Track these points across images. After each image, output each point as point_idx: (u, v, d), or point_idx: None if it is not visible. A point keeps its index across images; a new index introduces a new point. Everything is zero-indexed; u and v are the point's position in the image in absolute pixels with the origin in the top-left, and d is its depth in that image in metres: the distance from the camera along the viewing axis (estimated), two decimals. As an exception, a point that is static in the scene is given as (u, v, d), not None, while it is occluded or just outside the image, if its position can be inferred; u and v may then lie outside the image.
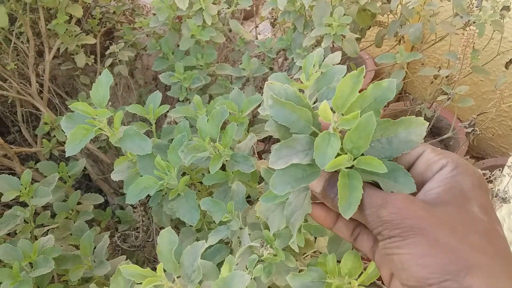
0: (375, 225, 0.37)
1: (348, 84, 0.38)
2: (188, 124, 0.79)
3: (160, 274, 0.57)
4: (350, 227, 0.45)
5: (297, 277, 0.60)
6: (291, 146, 0.40)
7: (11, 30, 1.40)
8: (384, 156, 0.40)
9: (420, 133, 0.39)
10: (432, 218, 0.34)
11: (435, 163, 0.38)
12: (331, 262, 0.60)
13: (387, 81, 0.39)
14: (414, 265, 0.33)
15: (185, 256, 0.60)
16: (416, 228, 0.34)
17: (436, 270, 0.32)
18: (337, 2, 1.21)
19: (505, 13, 1.14)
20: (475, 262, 0.32)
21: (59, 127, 1.34)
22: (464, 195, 0.36)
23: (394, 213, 0.35)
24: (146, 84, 1.79)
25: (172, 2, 1.24)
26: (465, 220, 0.35)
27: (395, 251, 0.35)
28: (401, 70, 1.18)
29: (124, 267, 0.57)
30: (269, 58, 1.33)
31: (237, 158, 0.71)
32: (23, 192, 0.93)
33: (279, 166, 0.40)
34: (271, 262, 0.65)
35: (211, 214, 0.69)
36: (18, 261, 0.78)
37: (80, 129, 0.71)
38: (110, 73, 0.76)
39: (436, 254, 0.32)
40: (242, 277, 0.56)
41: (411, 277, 0.33)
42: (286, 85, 0.43)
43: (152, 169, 0.73)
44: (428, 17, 1.23)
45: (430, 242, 0.33)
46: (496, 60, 1.42)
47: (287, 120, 0.41)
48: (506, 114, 1.62)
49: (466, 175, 0.37)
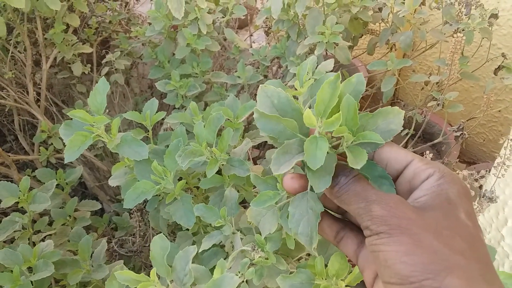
0: (365, 218, 0.38)
1: (327, 91, 0.40)
2: (185, 130, 0.81)
3: (154, 279, 0.58)
4: (334, 229, 0.46)
5: (287, 278, 0.62)
6: (287, 152, 0.42)
7: (8, 40, 1.42)
8: (369, 148, 0.42)
9: (398, 122, 0.41)
10: (419, 220, 0.36)
11: (422, 172, 0.39)
12: (319, 264, 0.62)
13: (355, 75, 0.42)
14: (397, 262, 0.34)
15: (177, 261, 0.62)
16: (404, 227, 0.35)
17: (418, 268, 0.33)
18: (330, 11, 1.24)
19: (493, 21, 1.17)
20: (456, 264, 0.33)
21: (56, 135, 1.36)
22: (450, 202, 0.37)
23: (385, 210, 0.36)
24: (142, 92, 1.81)
25: (168, 12, 1.26)
26: (451, 225, 0.36)
27: (381, 247, 0.36)
28: (392, 76, 1.20)
29: (119, 272, 0.59)
30: (264, 66, 1.35)
31: (233, 163, 0.72)
32: (22, 198, 0.94)
33: (283, 171, 0.41)
34: (262, 265, 0.67)
35: (205, 220, 0.71)
36: (18, 265, 0.80)
37: (78, 135, 0.73)
38: (107, 81, 0.78)
39: (420, 253, 0.34)
40: (231, 279, 0.58)
41: (394, 274, 0.34)
42: (279, 89, 0.45)
43: (149, 174, 0.75)
44: (418, 25, 1.26)
45: (415, 242, 0.34)
46: (486, 67, 1.45)
47: (273, 131, 0.43)
48: (497, 119, 1.65)
49: (452, 184, 0.38)
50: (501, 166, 0.79)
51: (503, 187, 0.89)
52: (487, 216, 0.92)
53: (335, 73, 0.71)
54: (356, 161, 0.39)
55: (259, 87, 0.45)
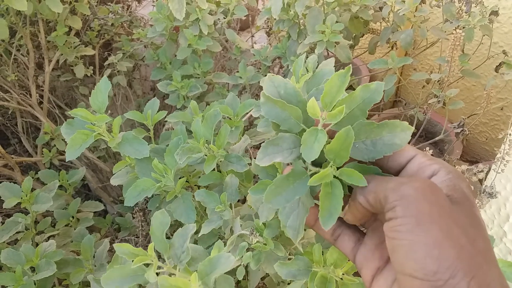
0: (391, 199, 0.34)
1: (335, 83, 0.40)
2: (185, 129, 0.81)
3: (151, 254, 0.59)
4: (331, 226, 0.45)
5: (285, 265, 0.63)
6: (277, 144, 0.42)
7: (11, 43, 1.43)
8: (367, 157, 0.41)
9: (404, 137, 0.39)
10: (450, 211, 0.34)
11: (427, 167, 0.38)
12: (317, 252, 0.62)
13: (375, 83, 0.40)
14: (426, 256, 0.31)
15: (176, 238, 0.63)
16: (435, 216, 0.32)
17: (446, 264, 0.31)
18: (330, 10, 1.24)
19: (493, 18, 1.17)
20: (479, 267, 0.32)
21: (59, 137, 1.36)
22: (468, 198, 0.36)
23: (418, 190, 0.33)
24: (144, 94, 1.82)
25: (169, 13, 1.27)
26: (473, 223, 0.35)
27: (407, 236, 0.33)
28: (393, 75, 1.20)
29: (118, 245, 0.59)
30: (265, 66, 1.36)
31: (230, 159, 0.73)
32: (24, 199, 0.94)
33: (264, 163, 0.41)
34: (260, 250, 0.67)
35: (205, 205, 0.71)
36: (20, 265, 0.80)
37: (80, 134, 0.73)
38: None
39: (449, 247, 0.31)
40: (228, 258, 0.59)
41: (419, 268, 0.32)
42: (287, 80, 0.44)
43: (150, 172, 0.76)
44: (419, 23, 1.26)
45: (445, 235, 0.32)
46: (487, 65, 1.45)
47: (277, 117, 0.43)
48: (499, 118, 1.65)
49: (461, 180, 0.37)
50: (500, 161, 0.79)
51: (504, 183, 0.88)
52: (489, 212, 0.92)
53: (331, 69, 0.72)
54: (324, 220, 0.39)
55: (266, 76, 0.45)
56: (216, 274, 0.58)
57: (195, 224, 0.84)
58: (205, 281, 0.59)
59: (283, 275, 0.62)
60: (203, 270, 0.59)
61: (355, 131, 0.39)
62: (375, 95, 0.40)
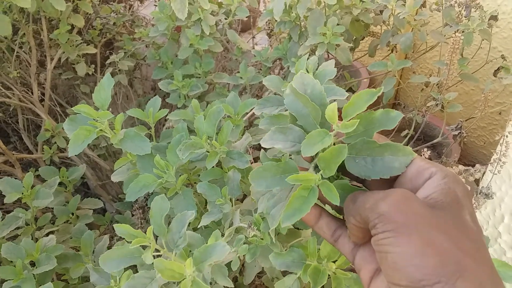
0: (372, 217, 0.36)
1: (363, 97, 0.40)
2: (186, 126, 0.82)
3: (149, 236, 0.60)
4: (331, 227, 0.46)
5: (279, 256, 0.64)
6: (284, 133, 0.43)
7: (13, 40, 1.44)
8: (364, 174, 0.41)
9: (404, 161, 0.40)
10: (428, 217, 0.35)
11: (425, 170, 0.39)
12: (311, 245, 0.63)
13: (396, 112, 0.41)
14: (408, 265, 0.33)
15: (174, 223, 0.64)
16: (412, 225, 0.34)
17: (430, 271, 0.32)
18: (331, 12, 1.25)
19: (492, 23, 1.18)
20: (466, 267, 0.32)
21: (59, 134, 1.37)
22: (458, 201, 0.37)
23: (391, 206, 0.35)
24: (145, 94, 1.82)
25: (171, 13, 1.28)
26: (460, 226, 0.36)
27: (388, 248, 0.34)
28: (392, 77, 1.21)
29: (117, 225, 0.60)
30: (266, 67, 1.37)
31: (232, 155, 0.74)
32: (25, 194, 0.95)
33: (266, 145, 0.42)
34: (257, 244, 0.68)
35: (206, 198, 0.72)
36: (21, 259, 0.81)
37: (82, 130, 0.74)
38: (112, 78, 0.79)
39: (431, 255, 0.33)
40: (223, 247, 0.60)
41: (404, 277, 0.33)
42: (317, 81, 0.45)
43: (151, 169, 0.76)
44: (419, 27, 1.27)
45: (424, 242, 0.33)
46: (486, 69, 1.46)
47: (297, 111, 0.43)
48: (497, 122, 1.66)
49: (457, 184, 0.38)
50: (497, 162, 0.80)
51: (499, 184, 0.89)
52: (484, 213, 0.93)
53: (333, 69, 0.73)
54: (284, 217, 0.41)
55: (298, 73, 0.45)
56: (211, 261, 0.60)
57: (195, 221, 0.86)
58: (199, 268, 0.60)
59: (277, 266, 0.64)
60: (198, 256, 0.61)
61: (358, 146, 0.41)
62: (390, 123, 0.41)
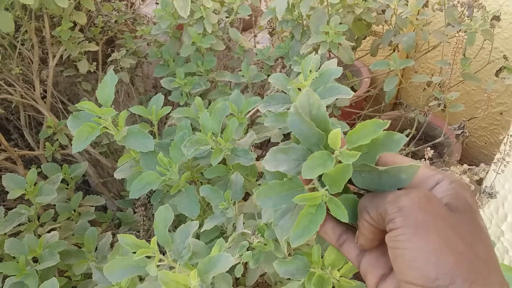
0: (391, 210, 0.36)
1: (370, 127, 0.39)
2: (189, 123, 0.82)
3: (154, 247, 0.60)
4: (336, 232, 0.45)
5: (283, 263, 0.64)
6: (287, 153, 0.42)
7: (16, 37, 1.44)
8: (371, 187, 0.41)
9: (412, 172, 0.39)
10: (449, 218, 0.35)
11: (431, 178, 0.39)
12: (316, 252, 0.63)
13: (399, 135, 0.40)
14: (425, 263, 0.33)
15: (178, 234, 0.64)
16: (431, 223, 0.34)
17: (446, 270, 0.32)
18: (334, 11, 1.25)
19: (495, 23, 1.18)
20: (480, 272, 0.33)
21: (61, 131, 1.37)
22: (470, 206, 0.37)
23: (413, 202, 0.35)
24: (146, 92, 1.83)
25: (173, 11, 1.28)
26: (475, 231, 0.35)
27: (406, 244, 0.34)
28: (394, 76, 1.22)
29: (122, 235, 0.60)
30: (268, 65, 1.37)
31: (237, 152, 0.74)
32: (28, 191, 0.95)
33: (269, 168, 0.42)
34: (260, 250, 0.68)
35: (210, 201, 0.73)
36: (24, 255, 0.81)
37: (86, 126, 0.75)
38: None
39: (448, 254, 0.32)
40: (227, 258, 0.60)
41: (420, 275, 0.33)
42: (323, 101, 0.44)
43: (154, 166, 0.77)
44: (421, 27, 1.27)
45: (442, 241, 0.33)
46: (488, 70, 1.46)
47: (301, 133, 0.42)
48: (498, 122, 1.66)
49: (464, 189, 0.38)
50: (501, 161, 0.80)
51: (503, 182, 0.90)
52: (487, 212, 0.93)
53: (338, 68, 0.73)
54: (293, 237, 0.41)
55: (305, 88, 0.43)
56: (215, 273, 0.60)
57: (198, 218, 0.86)
58: (203, 279, 0.60)
59: (281, 273, 0.63)
60: (203, 268, 0.61)
61: (361, 157, 0.40)
62: (393, 146, 0.40)
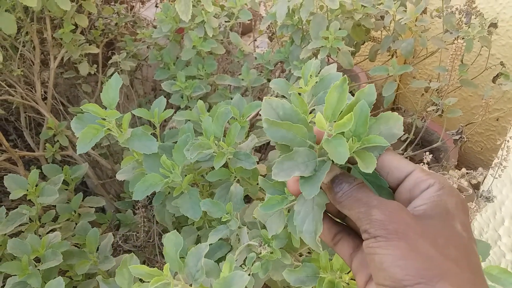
0: (364, 222, 0.39)
1: (334, 95, 0.42)
2: (192, 126, 0.83)
3: (167, 274, 0.60)
4: (332, 232, 0.48)
5: (293, 272, 0.65)
6: (292, 159, 0.43)
7: (17, 38, 1.45)
8: (375, 152, 0.43)
9: (399, 127, 0.44)
10: (417, 227, 0.37)
11: (423, 182, 0.41)
12: (323, 258, 0.64)
13: (368, 86, 0.44)
14: (392, 266, 0.36)
15: (190, 257, 0.64)
16: (401, 233, 0.37)
17: (412, 273, 0.35)
18: (333, 17, 1.27)
19: (492, 30, 1.20)
20: (448, 271, 0.35)
21: (62, 132, 1.38)
22: (448, 212, 0.39)
23: (384, 215, 0.38)
24: (145, 94, 1.84)
25: (175, 14, 1.29)
26: (447, 234, 0.38)
27: (377, 250, 0.37)
28: (393, 82, 1.23)
29: (133, 266, 0.61)
30: (267, 69, 1.38)
31: (239, 156, 0.75)
32: (30, 191, 0.96)
33: (281, 178, 0.42)
34: (268, 259, 0.70)
35: (211, 215, 0.74)
36: (26, 255, 0.81)
37: (90, 128, 0.75)
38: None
39: (415, 258, 0.35)
40: (241, 277, 0.61)
41: (388, 277, 0.36)
42: (284, 100, 0.45)
43: (157, 168, 0.77)
44: (419, 33, 1.29)
45: (410, 247, 0.36)
46: (485, 76, 1.48)
47: (284, 138, 0.44)
48: (494, 128, 1.68)
49: (451, 196, 0.40)
50: (498, 166, 0.81)
51: (500, 187, 0.91)
52: (485, 216, 0.94)
53: (338, 73, 0.74)
54: (366, 166, 0.40)
55: (263, 100, 0.45)
56: (231, 292, 0.60)
57: (200, 220, 0.87)
58: (219, 299, 0.60)
59: (292, 282, 0.65)
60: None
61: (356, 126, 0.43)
62: (370, 97, 0.44)
